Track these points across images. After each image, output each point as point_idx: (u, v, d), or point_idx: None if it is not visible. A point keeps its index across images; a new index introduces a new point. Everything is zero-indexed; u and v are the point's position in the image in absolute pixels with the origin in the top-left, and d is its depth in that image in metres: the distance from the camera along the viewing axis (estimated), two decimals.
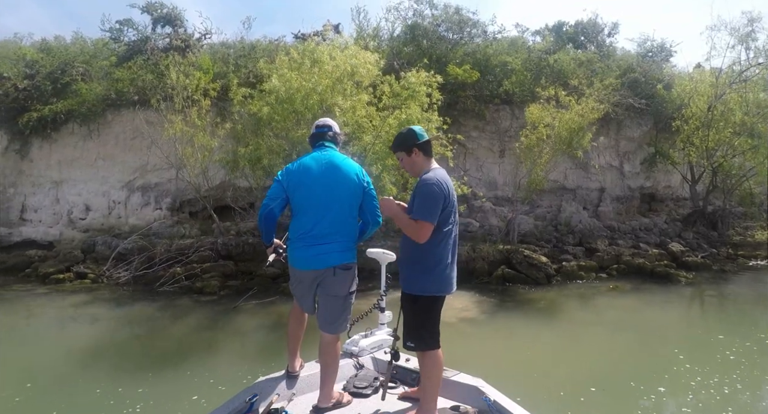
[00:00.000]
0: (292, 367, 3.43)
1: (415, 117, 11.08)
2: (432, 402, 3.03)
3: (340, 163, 3.20)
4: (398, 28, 18.36)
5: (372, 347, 3.91)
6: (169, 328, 9.11)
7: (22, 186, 15.88)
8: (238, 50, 16.07)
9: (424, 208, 2.93)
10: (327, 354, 3.18)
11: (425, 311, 3.06)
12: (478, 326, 9.02)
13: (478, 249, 13.14)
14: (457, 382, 3.38)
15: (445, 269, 3.03)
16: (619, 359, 7.30)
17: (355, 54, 10.87)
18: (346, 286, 3.19)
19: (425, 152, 3.13)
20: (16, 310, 10.76)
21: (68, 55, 16.26)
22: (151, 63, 14.45)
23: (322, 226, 3.13)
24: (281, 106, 10.34)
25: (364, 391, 3.38)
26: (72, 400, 5.76)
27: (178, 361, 7.14)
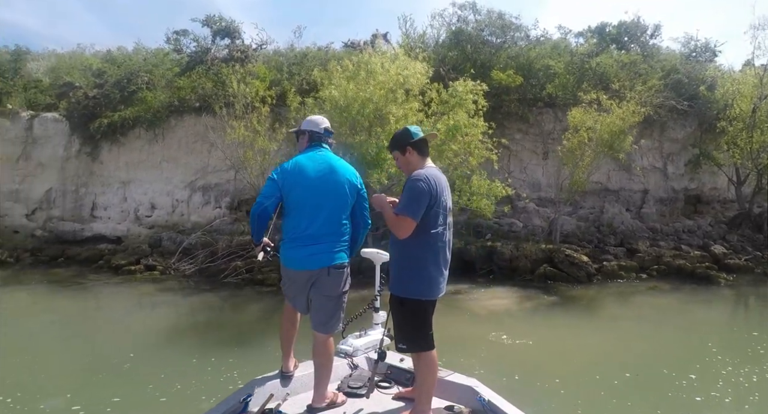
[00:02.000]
0: (286, 367, 3.48)
1: (462, 122, 12.02)
2: (426, 402, 3.07)
3: (336, 164, 3.26)
4: (443, 34, 19.25)
5: (366, 347, 3.96)
6: (237, 313, 10.31)
7: (93, 186, 17.56)
8: (291, 58, 17.31)
9: (407, 204, 2.96)
10: (321, 354, 3.24)
11: (413, 314, 3.09)
12: (521, 320, 9.86)
13: (521, 248, 13.89)
14: (452, 382, 3.43)
15: (432, 273, 3.04)
16: (654, 350, 7.95)
17: (405, 65, 11.85)
18: (340, 286, 3.23)
19: (419, 151, 3.16)
20: (100, 296, 12.25)
21: (133, 65, 17.84)
22: (212, 72, 15.81)
23: (316, 226, 3.17)
24: (340, 114, 11.42)
25: (358, 391, 3.42)
26: (174, 366, 6.90)
27: (254, 339, 8.27)
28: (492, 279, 13.22)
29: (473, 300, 11.25)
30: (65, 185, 17.85)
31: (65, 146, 17.77)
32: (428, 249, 3.02)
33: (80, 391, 6.09)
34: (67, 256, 16.10)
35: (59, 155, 17.87)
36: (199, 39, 16.75)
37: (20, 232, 17.52)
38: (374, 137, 11.38)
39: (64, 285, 13.13)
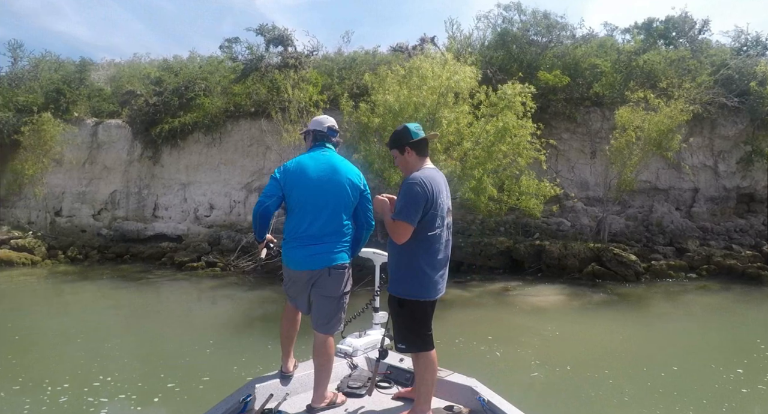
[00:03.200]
0: (285, 367, 3.51)
1: (511, 124, 12.54)
2: (426, 402, 3.10)
3: (338, 164, 3.27)
4: (488, 35, 19.69)
5: (366, 347, 4.01)
6: None
7: (155, 187, 18.85)
8: (340, 63, 18.14)
9: (402, 208, 2.97)
10: (321, 354, 3.25)
11: (412, 314, 3.11)
12: (570, 315, 10.32)
13: (569, 246, 14.25)
14: (452, 382, 3.47)
15: (430, 274, 3.05)
16: (702, 346, 8.31)
17: (456, 70, 12.47)
18: (341, 286, 3.25)
19: (418, 151, 3.15)
20: (168, 289, 13.37)
21: (190, 73, 19.02)
22: (267, 79, 16.78)
23: (318, 226, 3.18)
24: (393, 118, 12.13)
25: (357, 391, 3.45)
26: (252, 351, 7.72)
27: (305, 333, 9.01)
28: (540, 277, 13.65)
29: (523, 296, 11.75)
30: (129, 187, 19.22)
31: (128, 151, 19.15)
32: (425, 251, 3.03)
33: (174, 372, 6.95)
34: (132, 253, 17.39)
35: (123, 159, 19.26)
36: (252, 47, 17.81)
37: (87, 231, 18.92)
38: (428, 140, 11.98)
39: (132, 279, 14.31)
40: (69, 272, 15.75)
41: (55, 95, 19.82)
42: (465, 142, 12.61)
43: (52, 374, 6.94)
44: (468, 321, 9.88)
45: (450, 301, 11.28)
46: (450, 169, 12.31)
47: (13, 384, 6.63)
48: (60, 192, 19.81)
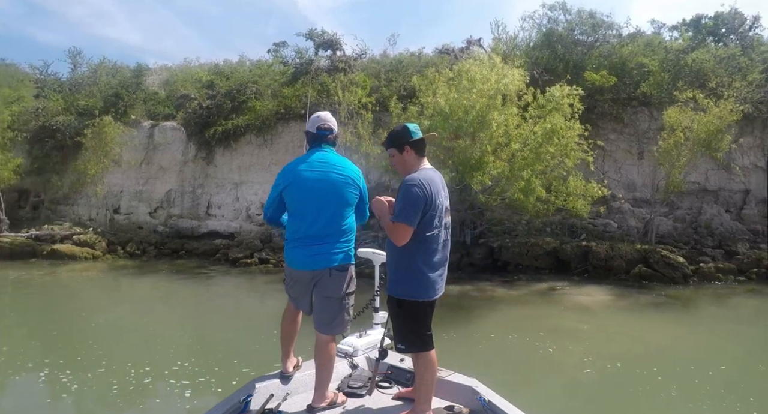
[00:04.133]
0: (285, 367, 3.54)
1: (558, 126, 12.77)
2: (426, 403, 3.11)
3: (336, 164, 3.27)
4: (534, 35, 19.85)
5: (366, 347, 4.03)
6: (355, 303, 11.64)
7: (208, 187, 19.75)
8: (386, 65, 18.62)
9: (401, 210, 2.98)
10: (322, 355, 3.26)
11: (411, 314, 3.13)
12: (617, 315, 10.55)
13: (616, 248, 14.33)
14: (452, 382, 3.49)
15: (428, 274, 3.07)
16: (750, 348, 8.45)
17: (505, 73, 12.78)
18: (342, 287, 3.25)
19: (417, 151, 3.14)
20: (224, 283, 14.19)
21: (241, 76, 19.83)
22: (316, 82, 17.41)
23: (318, 226, 3.20)
24: (444, 121, 12.52)
25: (358, 391, 3.47)
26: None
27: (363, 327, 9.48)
28: (587, 278, 13.79)
29: (570, 296, 11.97)
30: (183, 186, 20.16)
31: (183, 151, 20.11)
32: (423, 251, 3.05)
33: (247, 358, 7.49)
34: (187, 250, 18.27)
35: (178, 160, 20.23)
36: (301, 51, 18.48)
37: (144, 228, 19.92)
38: (477, 142, 12.36)
39: (189, 274, 15.15)
40: (128, 266, 16.72)
41: (113, 99, 21.00)
42: (513, 144, 12.91)
43: (132, 359, 7.60)
44: (518, 318, 10.21)
45: (498, 299, 11.64)
46: (498, 170, 12.62)
47: (98, 367, 7.30)
48: (118, 191, 20.95)
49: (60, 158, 21.64)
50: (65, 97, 22.38)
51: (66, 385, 6.66)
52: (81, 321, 10.64)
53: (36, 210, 22.92)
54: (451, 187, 13.31)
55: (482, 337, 8.65)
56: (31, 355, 7.94)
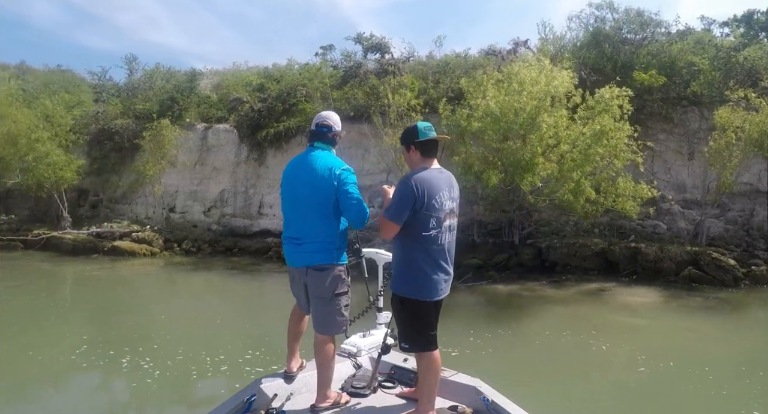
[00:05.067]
0: (288, 366, 3.59)
1: (608, 127, 12.90)
2: (429, 402, 3.12)
3: (314, 162, 3.24)
4: (581, 35, 19.83)
5: (370, 347, 4.04)
6: None
7: (260, 187, 20.50)
8: (433, 67, 18.98)
9: (390, 206, 3.03)
10: (318, 354, 3.29)
11: (413, 313, 3.14)
12: (667, 316, 10.70)
13: (665, 249, 14.29)
14: (456, 383, 3.51)
15: (429, 274, 3.06)
16: None
17: (554, 75, 13.00)
18: (327, 287, 3.24)
19: (423, 152, 3.14)
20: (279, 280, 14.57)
21: (291, 80, 20.51)
22: (365, 85, 17.91)
23: (298, 226, 3.27)
24: (494, 123, 12.83)
25: (361, 391, 3.47)
26: None
27: None
28: (635, 279, 13.81)
29: (619, 296, 12.11)
30: (236, 186, 20.96)
31: (235, 153, 20.93)
32: (422, 251, 3.05)
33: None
34: (240, 247, 19.05)
35: (230, 161, 21.06)
36: (350, 54, 19.04)
37: (198, 227, 20.83)
38: (528, 144, 12.63)
39: (245, 271, 15.89)
40: (185, 263, 17.58)
41: (169, 103, 22.04)
42: (562, 145, 13.10)
43: (204, 348, 8.20)
44: (569, 316, 10.46)
45: (547, 298, 11.90)
46: (548, 171, 12.83)
47: (176, 355, 7.92)
48: (174, 190, 21.94)
49: (118, 159, 22.83)
50: (123, 101, 23.54)
51: (148, 371, 7.27)
52: (149, 313, 11.42)
53: (95, 209, 24.18)
54: (500, 187, 13.63)
55: (537, 334, 8.96)
56: (110, 343, 8.63)
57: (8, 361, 7.91)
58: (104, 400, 6.84)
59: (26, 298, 12.71)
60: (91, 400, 6.78)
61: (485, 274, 13.66)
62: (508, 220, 15.05)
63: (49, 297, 13.23)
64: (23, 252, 19.54)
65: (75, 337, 9.26)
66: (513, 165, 12.95)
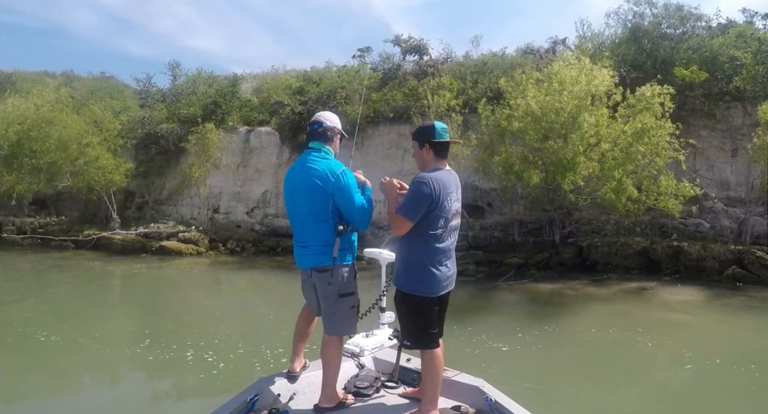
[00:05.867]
0: (292, 366, 3.62)
1: (649, 125, 12.93)
2: (432, 402, 3.15)
3: (308, 169, 3.26)
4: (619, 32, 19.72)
5: (373, 347, 4.06)
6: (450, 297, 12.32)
7: None
8: (471, 67, 19.21)
9: (406, 204, 3.06)
10: (323, 353, 3.31)
11: (416, 310, 3.19)
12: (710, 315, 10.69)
13: (708, 248, 14.18)
14: (459, 382, 3.54)
15: (433, 271, 3.12)
16: None
17: (594, 75, 13.10)
18: (331, 288, 3.28)
19: (436, 152, 3.20)
20: None
21: (331, 82, 20.98)
22: (404, 87, 18.26)
23: (301, 229, 3.34)
24: (536, 123, 13.03)
25: (365, 391, 3.48)
26: None
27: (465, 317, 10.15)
28: (678, 278, 13.74)
29: (662, 295, 12.11)
30: (278, 187, 21.54)
31: (277, 155, 21.55)
32: (427, 249, 3.11)
33: None
34: (283, 247, 19.56)
35: (272, 162, 21.69)
36: (388, 56, 19.43)
37: (242, 227, 21.49)
38: (570, 143, 12.78)
39: (291, 270, 16.25)
40: (230, 262, 18.22)
41: (212, 107, 22.74)
42: (603, 143, 13.18)
43: (264, 342, 8.60)
44: (613, 314, 10.60)
45: (590, 296, 12.04)
46: (590, 170, 12.95)
47: (236, 348, 8.36)
48: (218, 192, 22.68)
49: (163, 162, 23.71)
50: (168, 106, 24.42)
51: (212, 363, 7.70)
52: (203, 309, 11.99)
53: (140, 210, 25.13)
54: (540, 187, 13.79)
55: (584, 331, 9.15)
56: (171, 338, 9.10)
57: (76, 353, 8.45)
58: (176, 390, 7.31)
59: (82, 294, 13.45)
60: (163, 390, 7.25)
61: (526, 273, 13.87)
62: (548, 219, 15.18)
63: (104, 294, 13.97)
64: (74, 252, 20.53)
65: (136, 332, 9.84)
66: (554, 164, 13.10)
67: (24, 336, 9.28)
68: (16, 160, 22.16)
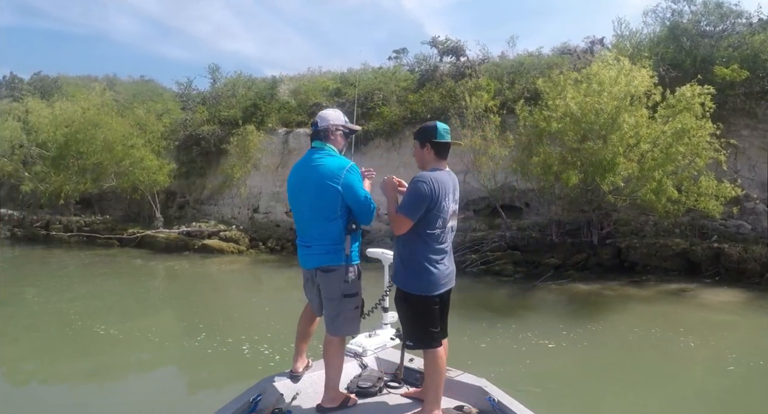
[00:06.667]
0: (294, 366, 3.66)
1: (689, 125, 12.90)
2: (435, 402, 3.16)
3: (313, 166, 3.30)
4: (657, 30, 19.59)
5: (376, 347, 4.10)
6: (488, 296, 12.66)
7: None
8: (507, 67, 19.36)
9: (406, 203, 3.12)
10: (326, 353, 3.36)
11: (417, 310, 3.22)
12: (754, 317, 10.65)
13: (750, 250, 13.97)
14: (461, 383, 3.54)
15: (431, 270, 3.17)
16: None
17: (634, 75, 13.15)
18: (335, 288, 3.30)
19: (437, 152, 3.26)
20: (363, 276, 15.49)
21: (368, 84, 21.36)
22: (442, 88, 18.52)
23: (306, 229, 3.36)
24: (575, 124, 13.15)
25: (368, 391, 3.51)
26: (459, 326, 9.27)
27: (508, 315, 10.45)
28: (718, 281, 13.56)
29: (702, 297, 12.06)
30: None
31: None
32: (425, 248, 3.16)
33: None
34: None
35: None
36: (425, 58, 19.69)
37: (281, 226, 21.99)
38: (610, 144, 12.86)
39: None
40: (270, 260, 18.78)
41: (252, 109, 23.37)
42: (642, 144, 13.21)
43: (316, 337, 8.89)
44: (654, 314, 10.69)
45: (629, 297, 12.13)
46: (629, 171, 13.00)
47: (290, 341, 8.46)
48: (257, 192, 23.27)
49: (204, 163, 24.44)
50: (209, 108, 25.13)
51: (269, 356, 8.08)
52: (251, 305, 12.48)
53: (182, 209, 25.91)
54: (579, 187, 13.89)
55: (627, 331, 9.31)
56: (225, 332, 9.57)
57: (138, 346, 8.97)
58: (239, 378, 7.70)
59: (131, 290, 14.10)
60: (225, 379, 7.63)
61: (564, 273, 13.97)
62: (586, 219, 15.23)
63: (152, 289, 14.66)
64: (119, 249, 21.42)
65: (190, 326, 10.30)
66: (593, 165, 13.17)
67: (84, 329, 9.88)
68: (64, 162, 23.16)
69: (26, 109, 26.77)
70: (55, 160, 23.65)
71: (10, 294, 13.60)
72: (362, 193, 3.28)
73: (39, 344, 9.24)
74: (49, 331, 10.02)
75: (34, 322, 10.77)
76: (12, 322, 10.69)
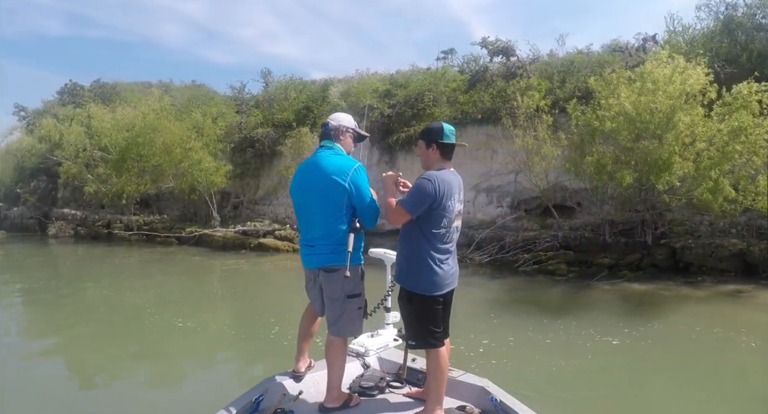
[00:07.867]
0: (296, 366, 3.69)
1: (746, 123, 12.81)
2: (437, 402, 3.18)
3: (321, 165, 3.31)
4: (711, 25, 19.31)
5: (378, 347, 4.13)
6: (543, 294, 12.91)
7: None
8: (558, 66, 19.47)
9: (408, 197, 3.19)
10: (328, 353, 3.38)
11: (419, 309, 3.26)
12: None
13: None
14: (464, 383, 3.56)
15: (435, 269, 3.19)
16: None
17: (689, 73, 13.16)
18: (339, 288, 3.31)
19: (442, 152, 3.34)
20: None
21: (418, 85, 21.79)
22: (493, 88, 18.79)
23: (310, 229, 3.37)
24: (629, 123, 13.26)
25: (370, 391, 3.54)
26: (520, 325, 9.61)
27: (565, 313, 10.68)
28: None
29: (759, 297, 11.93)
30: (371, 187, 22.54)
31: (367, 156, 22.54)
32: (430, 247, 3.19)
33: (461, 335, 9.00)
34: (374, 245, 20.49)
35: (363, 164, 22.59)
36: (475, 58, 19.99)
37: None
38: (665, 143, 12.93)
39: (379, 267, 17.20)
40: None
41: (304, 112, 24.13)
42: (698, 143, 13.21)
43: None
44: (712, 315, 10.72)
45: (684, 296, 12.18)
46: (684, 170, 13.02)
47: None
48: None
49: (258, 164, 25.40)
50: (263, 111, 26.05)
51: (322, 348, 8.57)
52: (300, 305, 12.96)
53: (236, 209, 26.97)
54: (633, 187, 13.97)
55: (689, 329, 9.41)
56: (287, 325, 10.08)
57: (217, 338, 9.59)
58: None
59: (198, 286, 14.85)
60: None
61: (618, 273, 14.06)
62: (639, 219, 15.25)
63: (217, 285, 15.46)
64: (178, 247, 22.56)
65: (262, 320, 10.70)
66: (648, 164, 13.24)
67: (162, 322, 10.59)
68: (125, 164, 24.46)
69: (89, 115, 28.36)
70: (116, 163, 25.03)
71: (81, 288, 14.70)
72: (368, 194, 3.36)
73: (121, 336, 9.81)
74: (128, 324, 10.64)
75: (112, 315, 11.44)
76: (89, 316, 11.43)
